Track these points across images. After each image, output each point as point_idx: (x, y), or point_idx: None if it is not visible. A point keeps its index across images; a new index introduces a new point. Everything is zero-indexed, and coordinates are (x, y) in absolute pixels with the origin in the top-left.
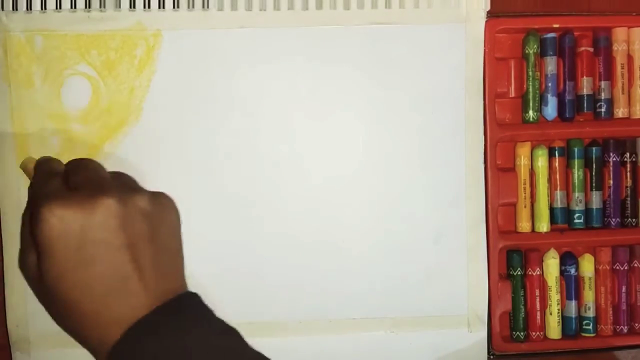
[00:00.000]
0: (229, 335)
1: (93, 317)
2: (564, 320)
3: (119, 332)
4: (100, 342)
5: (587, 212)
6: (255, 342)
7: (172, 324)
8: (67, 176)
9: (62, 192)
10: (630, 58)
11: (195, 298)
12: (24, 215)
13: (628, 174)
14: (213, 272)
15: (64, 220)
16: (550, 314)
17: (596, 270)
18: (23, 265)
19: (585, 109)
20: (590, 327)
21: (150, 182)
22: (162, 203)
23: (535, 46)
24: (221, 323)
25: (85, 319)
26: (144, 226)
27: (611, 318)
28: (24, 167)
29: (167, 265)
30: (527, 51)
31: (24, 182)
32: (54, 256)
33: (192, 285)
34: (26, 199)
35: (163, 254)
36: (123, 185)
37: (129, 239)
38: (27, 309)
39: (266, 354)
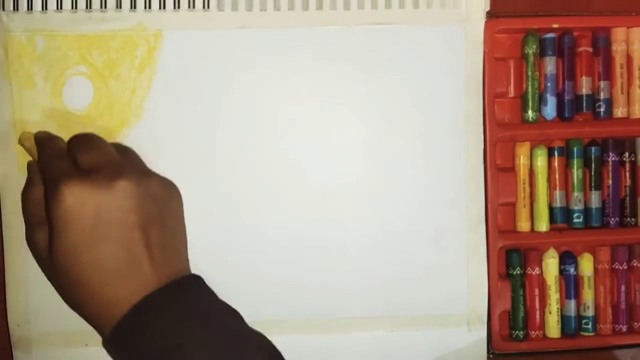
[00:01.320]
0: (231, 316)
1: (101, 294)
2: (563, 319)
3: (125, 309)
4: (106, 318)
5: (587, 211)
6: None
7: (176, 302)
8: (74, 154)
9: (77, 172)
10: (629, 58)
11: (198, 280)
12: (25, 192)
13: (627, 173)
14: (213, 271)
15: (82, 201)
16: (550, 313)
17: (595, 270)
18: (31, 241)
19: (584, 108)
20: (590, 326)
21: None
22: (169, 188)
23: (534, 46)
24: (223, 304)
25: (93, 296)
26: (155, 208)
27: (610, 317)
28: (21, 142)
29: (173, 247)
30: (526, 51)
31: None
32: (68, 235)
33: None
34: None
35: (170, 237)
36: (135, 167)
37: (141, 220)
38: (28, 308)
39: None
